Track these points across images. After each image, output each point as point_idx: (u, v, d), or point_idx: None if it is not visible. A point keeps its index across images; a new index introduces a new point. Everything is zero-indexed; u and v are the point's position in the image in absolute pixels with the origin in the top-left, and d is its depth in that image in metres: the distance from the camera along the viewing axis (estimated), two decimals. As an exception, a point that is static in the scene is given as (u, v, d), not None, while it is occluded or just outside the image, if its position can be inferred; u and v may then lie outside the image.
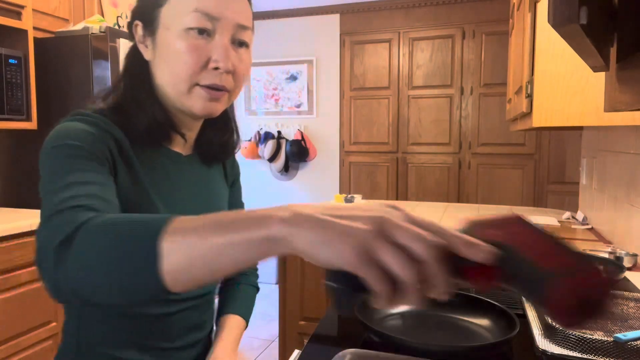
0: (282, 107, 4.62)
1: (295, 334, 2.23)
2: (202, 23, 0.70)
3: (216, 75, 0.72)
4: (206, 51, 0.71)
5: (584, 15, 0.34)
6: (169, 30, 0.72)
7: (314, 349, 0.88)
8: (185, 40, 0.71)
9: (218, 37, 0.72)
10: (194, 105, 0.74)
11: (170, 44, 0.72)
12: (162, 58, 0.74)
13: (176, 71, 0.72)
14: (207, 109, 0.74)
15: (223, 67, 0.72)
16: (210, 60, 0.72)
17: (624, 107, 0.43)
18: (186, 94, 0.73)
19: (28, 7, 2.23)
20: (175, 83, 0.73)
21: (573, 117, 1.32)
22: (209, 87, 0.73)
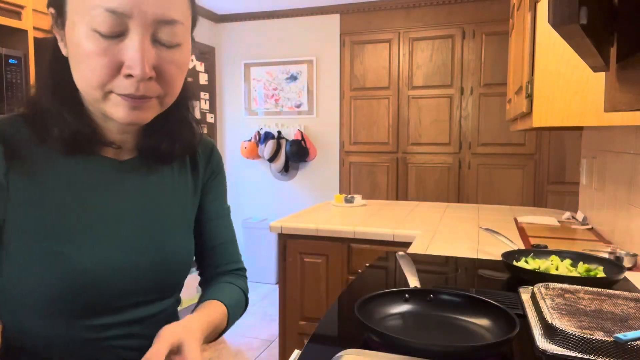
0: (282, 107, 4.62)
1: (295, 334, 2.23)
2: (110, 25, 0.58)
3: (132, 84, 0.60)
4: (117, 54, 0.59)
5: (584, 15, 0.34)
6: (75, 27, 0.60)
7: (314, 349, 0.88)
8: (91, 41, 0.58)
9: (131, 36, 0.59)
10: (114, 113, 0.62)
11: (78, 44, 0.60)
12: (72, 58, 0.62)
13: (86, 77, 0.60)
14: (130, 117, 0.63)
15: (138, 75, 0.59)
16: (124, 65, 0.60)
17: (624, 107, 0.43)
18: (102, 102, 0.62)
19: (28, 7, 2.23)
20: (87, 89, 0.62)
21: (573, 117, 1.32)
22: (126, 95, 0.61)
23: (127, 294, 0.71)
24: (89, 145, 0.68)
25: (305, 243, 2.19)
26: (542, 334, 0.85)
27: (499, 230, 1.70)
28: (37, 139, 0.66)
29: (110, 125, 0.70)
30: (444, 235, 1.94)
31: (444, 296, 0.98)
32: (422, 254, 1.62)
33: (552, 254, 1.37)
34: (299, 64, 4.53)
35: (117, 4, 0.57)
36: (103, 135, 0.70)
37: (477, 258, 1.57)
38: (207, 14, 4.58)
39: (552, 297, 0.96)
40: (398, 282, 1.33)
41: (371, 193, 4.34)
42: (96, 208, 0.69)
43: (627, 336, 0.74)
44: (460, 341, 0.87)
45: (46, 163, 0.66)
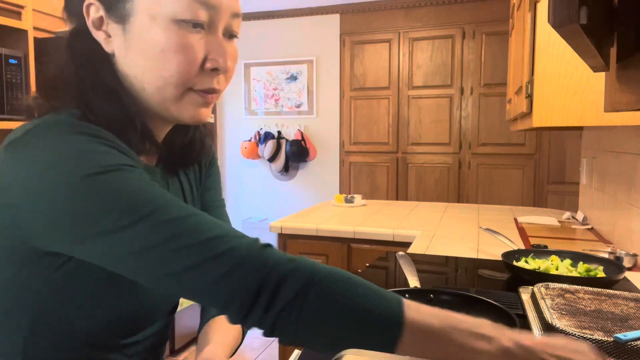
0: (282, 107, 4.62)
1: (295, 334, 2.22)
2: (197, 14, 0.56)
3: (213, 77, 0.60)
4: (200, 47, 0.57)
5: (584, 15, 0.34)
6: (154, 20, 0.56)
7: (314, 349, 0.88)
8: (175, 35, 0.56)
9: (215, 31, 0.58)
10: (183, 112, 0.60)
11: (155, 37, 0.56)
12: (140, 54, 0.57)
13: (165, 74, 0.57)
14: (197, 116, 0.61)
15: (223, 68, 0.59)
16: (207, 59, 0.58)
17: (624, 107, 0.43)
18: (175, 100, 0.59)
19: (28, 7, 2.23)
20: (161, 87, 0.58)
21: (573, 117, 1.32)
22: (204, 91, 0.60)
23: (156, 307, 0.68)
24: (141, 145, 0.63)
25: (305, 243, 2.19)
26: (542, 334, 0.85)
27: (499, 230, 1.70)
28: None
29: (152, 125, 0.65)
30: (444, 235, 1.94)
31: (444, 296, 0.98)
32: (422, 254, 1.62)
33: (552, 254, 1.37)
34: (299, 64, 4.53)
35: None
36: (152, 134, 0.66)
37: (477, 258, 1.57)
38: (207, 14, 4.58)
39: (552, 297, 0.96)
40: (398, 282, 1.33)
41: (371, 193, 4.34)
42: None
43: (627, 336, 0.74)
44: (460, 341, 0.87)
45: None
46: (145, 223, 0.49)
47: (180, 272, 0.48)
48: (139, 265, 0.49)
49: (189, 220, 0.50)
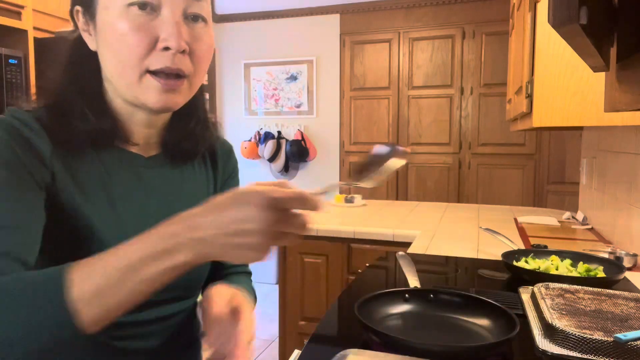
0: (282, 107, 4.62)
1: (295, 334, 2.23)
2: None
3: (168, 57, 0.62)
4: (153, 29, 0.61)
5: (584, 15, 0.34)
6: (109, 10, 0.61)
7: (314, 349, 0.88)
8: (126, 19, 0.60)
9: (165, 11, 0.61)
10: (147, 98, 0.63)
11: (111, 26, 0.61)
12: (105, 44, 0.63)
13: (121, 57, 0.62)
14: (162, 101, 0.64)
15: (174, 46, 0.61)
16: (159, 39, 0.61)
17: (624, 107, 0.43)
18: (136, 84, 0.63)
19: (28, 7, 2.23)
20: (122, 72, 0.63)
21: (573, 117, 1.32)
22: (161, 72, 0.62)
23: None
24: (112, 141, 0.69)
25: (305, 243, 2.19)
26: (542, 334, 0.85)
27: (499, 230, 1.70)
28: (63, 136, 0.65)
29: (137, 119, 0.70)
30: (444, 235, 1.94)
31: (444, 296, 0.98)
32: (422, 254, 1.62)
33: (552, 254, 1.37)
34: (299, 64, 4.53)
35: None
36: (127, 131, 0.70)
37: (477, 258, 1.57)
38: (207, 14, 4.58)
39: (552, 297, 0.96)
40: (398, 282, 1.33)
41: (371, 193, 4.34)
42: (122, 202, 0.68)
43: (627, 336, 0.74)
44: (460, 341, 0.87)
45: (77, 155, 0.66)
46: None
47: None
48: None
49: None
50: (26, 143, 0.60)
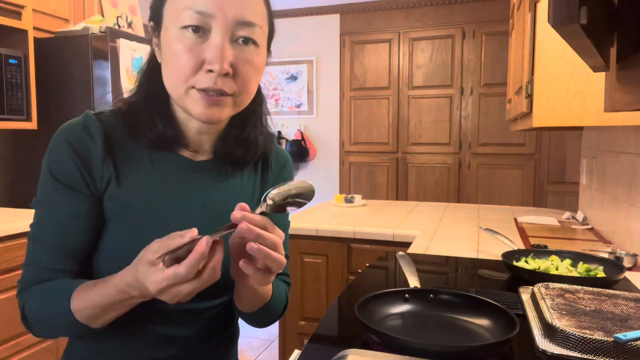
0: (282, 107, 4.62)
1: (295, 334, 2.23)
2: (195, 20, 0.66)
3: (211, 78, 0.67)
4: (201, 51, 0.67)
5: (584, 15, 0.34)
6: (168, 30, 0.69)
7: (314, 349, 0.88)
8: (180, 40, 0.67)
9: (213, 36, 0.66)
10: (192, 109, 0.69)
11: (169, 45, 0.68)
12: (164, 59, 0.71)
13: (173, 74, 0.69)
14: (206, 114, 0.69)
15: (217, 70, 0.66)
16: (205, 61, 0.67)
17: (624, 107, 0.43)
18: (184, 97, 0.69)
19: (28, 7, 2.23)
20: (173, 86, 0.70)
21: (573, 117, 1.32)
22: (204, 90, 0.68)
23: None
24: (170, 146, 0.76)
25: (305, 243, 2.19)
26: (542, 334, 0.85)
27: (499, 230, 1.70)
28: (129, 135, 0.74)
29: (191, 126, 0.76)
30: (444, 235, 1.94)
31: (444, 296, 0.98)
32: (422, 254, 1.62)
33: (552, 254, 1.37)
34: (299, 64, 4.53)
35: (203, 6, 0.66)
36: (184, 137, 0.77)
37: (477, 258, 1.57)
38: (207, 14, 4.58)
39: (552, 297, 0.96)
40: (398, 282, 1.33)
41: (371, 193, 4.34)
42: (166, 201, 0.75)
43: (627, 336, 0.74)
44: (460, 341, 0.87)
45: (134, 156, 0.75)
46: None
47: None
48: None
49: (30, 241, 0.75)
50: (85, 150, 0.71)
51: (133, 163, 0.75)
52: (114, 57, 2.31)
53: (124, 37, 2.36)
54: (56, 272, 0.72)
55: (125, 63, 2.35)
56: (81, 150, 0.71)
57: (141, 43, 2.46)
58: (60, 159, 0.71)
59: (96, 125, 0.72)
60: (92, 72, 2.30)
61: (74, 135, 0.71)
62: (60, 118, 2.41)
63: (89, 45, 2.29)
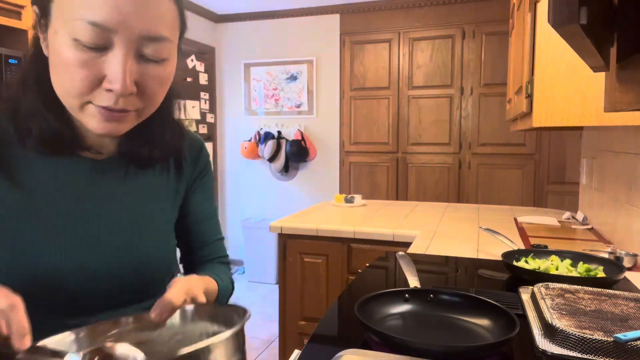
0: (282, 107, 4.62)
1: (295, 334, 2.23)
2: (92, 37, 0.56)
3: (111, 98, 0.59)
4: (99, 66, 0.58)
5: (584, 15, 0.34)
6: (57, 34, 0.58)
7: (314, 349, 0.88)
8: (72, 51, 0.57)
9: (114, 52, 0.57)
10: (87, 122, 0.62)
11: (58, 51, 0.58)
12: (53, 65, 0.61)
13: (65, 85, 0.60)
14: (105, 129, 0.62)
15: (119, 90, 0.58)
16: (105, 79, 0.58)
17: (624, 107, 0.43)
18: (78, 111, 0.61)
19: (28, 7, 2.23)
20: (64, 97, 0.61)
21: (573, 117, 1.32)
22: (104, 108, 0.60)
23: (101, 294, 0.70)
24: (68, 148, 0.68)
25: (305, 243, 2.19)
26: (542, 334, 0.85)
27: (499, 230, 1.70)
28: (17, 137, 0.66)
29: (90, 130, 0.67)
30: (444, 235, 1.94)
31: (444, 296, 0.98)
32: (422, 254, 1.62)
33: (552, 254, 1.37)
34: (299, 64, 4.53)
35: (102, 18, 0.55)
36: (83, 137, 0.69)
37: (477, 258, 1.57)
38: (207, 14, 4.58)
39: (552, 297, 0.96)
40: (398, 282, 1.33)
41: (371, 193, 4.34)
42: (69, 208, 0.68)
43: (627, 336, 0.74)
44: (460, 341, 0.87)
45: (24, 161, 0.67)
46: None
47: None
48: None
49: None
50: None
51: (19, 172, 0.66)
52: (114, 57, 2.31)
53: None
54: None
55: (125, 63, 2.35)
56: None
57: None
58: None
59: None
60: (92, 72, 2.30)
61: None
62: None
63: (89, 45, 2.29)
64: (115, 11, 0.55)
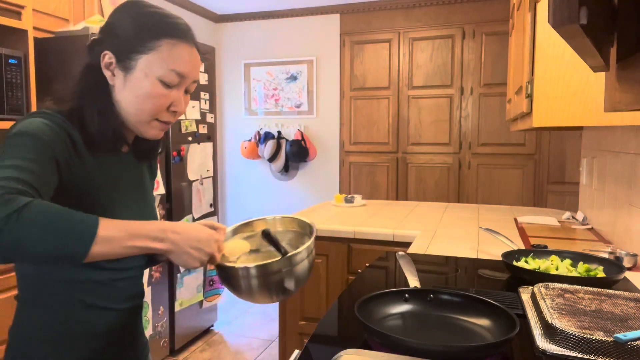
0: (282, 107, 4.62)
1: (295, 334, 2.23)
2: (174, 80, 0.89)
3: (172, 116, 0.93)
4: (169, 98, 0.90)
5: (584, 15, 0.34)
6: (147, 77, 0.88)
7: (314, 349, 0.88)
8: (157, 88, 0.88)
9: (178, 89, 0.91)
10: (148, 132, 0.92)
11: (144, 87, 0.88)
12: (132, 93, 0.88)
13: (144, 108, 0.89)
14: (158, 135, 0.94)
15: (180, 113, 0.94)
16: (172, 105, 0.91)
17: (624, 107, 0.43)
18: (144, 124, 0.91)
19: (28, 7, 2.23)
20: (139, 114, 0.90)
21: (573, 117, 1.32)
22: (165, 122, 0.92)
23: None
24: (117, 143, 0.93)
25: (305, 243, 2.19)
26: (542, 334, 0.85)
27: (499, 230, 1.70)
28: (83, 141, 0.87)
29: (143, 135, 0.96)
30: (444, 235, 1.94)
31: (444, 296, 0.98)
32: (422, 254, 1.62)
33: (552, 254, 1.37)
34: (299, 64, 4.53)
35: (183, 70, 0.90)
36: (124, 139, 0.95)
37: (477, 258, 1.57)
38: (207, 14, 4.58)
39: (552, 297, 0.96)
40: (398, 282, 1.33)
41: (371, 193, 4.34)
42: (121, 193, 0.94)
43: (627, 336, 0.74)
44: (460, 341, 0.87)
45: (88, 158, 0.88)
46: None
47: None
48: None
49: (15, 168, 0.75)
50: (65, 132, 0.84)
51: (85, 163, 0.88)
52: (114, 57, 2.31)
53: (124, 37, 2.35)
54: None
55: (125, 63, 2.36)
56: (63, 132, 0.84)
57: (141, 43, 2.46)
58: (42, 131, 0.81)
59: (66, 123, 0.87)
60: (92, 72, 2.30)
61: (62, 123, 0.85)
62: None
63: (89, 45, 2.29)
64: (190, 67, 0.91)
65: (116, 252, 0.76)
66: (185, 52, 0.90)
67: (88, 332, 0.89)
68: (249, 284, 0.88)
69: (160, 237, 0.79)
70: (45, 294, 0.88)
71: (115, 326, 0.93)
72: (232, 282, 0.89)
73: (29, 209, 0.69)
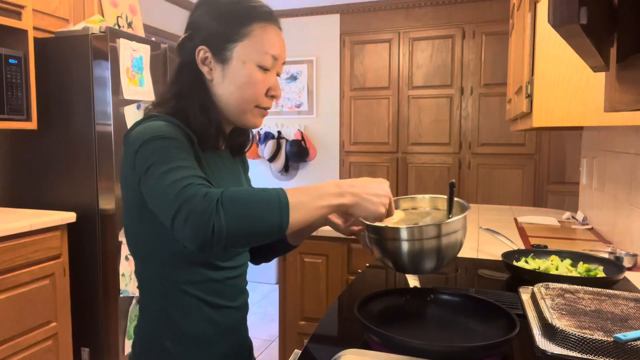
0: (282, 107, 4.62)
1: (295, 334, 2.23)
2: (269, 63, 0.90)
3: (271, 100, 0.94)
4: (267, 83, 0.91)
5: (584, 15, 0.34)
6: (245, 65, 0.89)
7: (314, 349, 0.88)
8: (255, 74, 0.89)
9: (272, 72, 0.92)
10: (250, 120, 0.93)
11: (244, 74, 0.89)
12: (233, 83, 0.90)
13: (245, 96, 0.90)
14: (258, 123, 0.96)
15: (278, 96, 0.95)
16: (270, 89, 0.92)
17: (624, 107, 0.43)
18: (247, 112, 0.92)
19: (28, 7, 2.23)
20: (241, 104, 0.91)
21: (573, 117, 1.32)
22: (264, 108, 0.93)
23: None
24: (218, 138, 0.94)
25: (305, 243, 2.18)
26: (542, 334, 0.85)
27: (499, 230, 1.70)
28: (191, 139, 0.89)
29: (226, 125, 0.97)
30: (444, 235, 1.93)
31: (444, 296, 0.98)
32: (422, 254, 1.62)
33: (552, 254, 1.37)
34: (299, 64, 4.53)
35: (277, 52, 0.91)
36: (223, 137, 0.97)
37: (477, 258, 1.57)
38: (207, 14, 4.57)
39: (552, 297, 0.96)
40: (398, 282, 1.33)
41: (371, 193, 4.34)
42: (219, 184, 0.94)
43: (627, 336, 0.74)
44: (460, 341, 0.87)
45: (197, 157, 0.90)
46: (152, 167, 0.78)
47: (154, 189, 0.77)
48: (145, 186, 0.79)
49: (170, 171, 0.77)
50: (183, 131, 0.86)
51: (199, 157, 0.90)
52: (114, 57, 2.31)
53: (124, 37, 2.35)
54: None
55: (125, 63, 2.35)
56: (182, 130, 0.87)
57: (141, 43, 2.46)
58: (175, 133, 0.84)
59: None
60: (92, 72, 2.30)
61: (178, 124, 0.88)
62: (60, 118, 2.41)
63: (89, 45, 2.29)
64: (282, 48, 0.93)
65: (310, 215, 0.76)
66: (275, 34, 0.91)
67: (215, 331, 0.92)
68: (412, 247, 0.88)
69: (340, 192, 0.78)
70: (164, 296, 0.90)
71: (234, 322, 0.96)
72: (390, 246, 0.90)
73: (226, 197, 0.71)
